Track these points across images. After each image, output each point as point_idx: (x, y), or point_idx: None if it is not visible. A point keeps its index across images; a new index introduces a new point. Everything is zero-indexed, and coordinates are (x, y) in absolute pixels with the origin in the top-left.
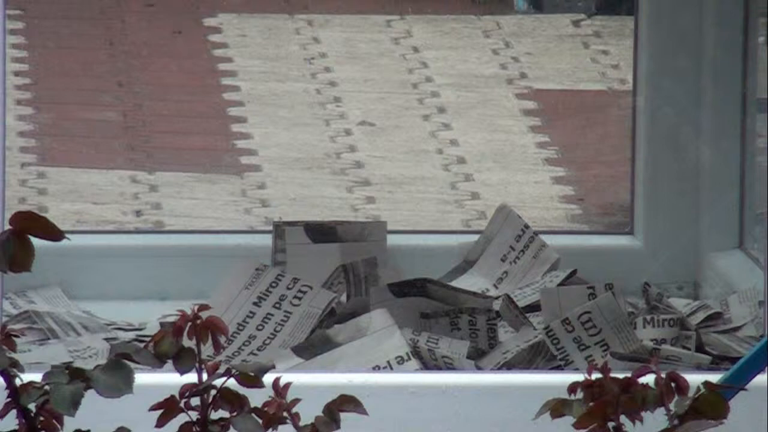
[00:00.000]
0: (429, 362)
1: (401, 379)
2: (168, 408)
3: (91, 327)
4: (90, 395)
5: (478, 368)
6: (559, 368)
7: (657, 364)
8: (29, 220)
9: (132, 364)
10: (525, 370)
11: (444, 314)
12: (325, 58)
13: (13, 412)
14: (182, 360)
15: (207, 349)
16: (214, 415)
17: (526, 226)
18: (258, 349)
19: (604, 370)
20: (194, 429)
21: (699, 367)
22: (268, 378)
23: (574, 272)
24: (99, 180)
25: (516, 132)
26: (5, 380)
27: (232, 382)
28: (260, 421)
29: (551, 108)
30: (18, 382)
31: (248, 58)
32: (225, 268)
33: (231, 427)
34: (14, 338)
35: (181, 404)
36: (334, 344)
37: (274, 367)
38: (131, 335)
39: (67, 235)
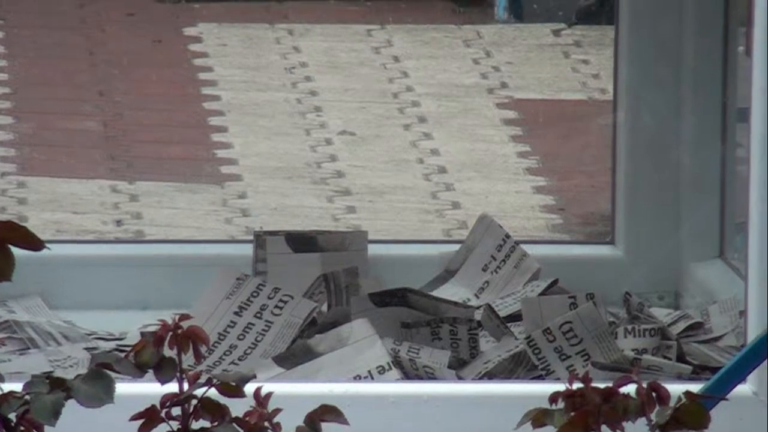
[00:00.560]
0: (410, 372)
1: (382, 389)
2: (149, 418)
3: (72, 336)
4: (70, 405)
5: (459, 378)
6: (540, 378)
7: (638, 373)
8: (9, 230)
9: (113, 374)
10: (506, 380)
11: (425, 324)
12: (305, 67)
13: None
14: (163, 370)
15: (188, 359)
16: (195, 424)
17: (507, 236)
18: (239, 359)
19: (586, 380)
20: None
21: (680, 377)
22: (249, 388)
23: (555, 282)
24: (79, 189)
25: (497, 141)
26: None
27: (213, 392)
28: (241, 431)
29: (532, 117)
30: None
31: (228, 67)
32: (206, 278)
33: None
34: None
35: (162, 414)
36: (315, 354)
37: (255, 376)
38: (112, 345)
39: (47, 245)
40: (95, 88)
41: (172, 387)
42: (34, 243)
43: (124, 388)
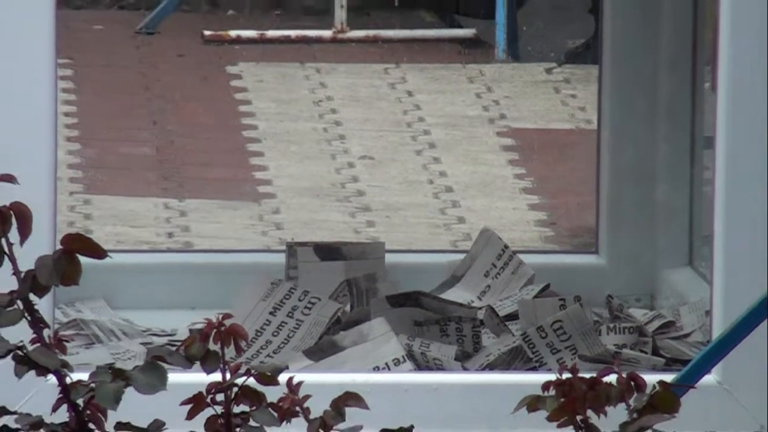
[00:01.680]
0: (422, 364)
1: (398, 378)
2: (196, 403)
3: (130, 333)
4: (129, 392)
5: (465, 369)
6: (534, 369)
7: (619, 365)
8: (77, 241)
9: (165, 365)
10: (505, 370)
11: (435, 322)
12: (331, 101)
13: (65, 405)
14: (208, 361)
15: (229, 352)
16: (236, 409)
17: (506, 247)
18: (273, 352)
19: (573, 370)
20: (219, 421)
21: (655, 369)
22: (283, 377)
23: (547, 286)
24: (136, 206)
25: (496, 165)
26: (58, 379)
27: (251, 381)
28: (276, 414)
29: (527, 144)
30: (68, 380)
31: (264, 100)
32: (245, 283)
33: (251, 420)
34: (65, 343)
35: (208, 400)
36: (340, 348)
37: (287, 367)
38: (164, 340)
39: (109, 254)
40: (150, 119)
41: (216, 376)
42: (98, 252)
43: (175, 377)
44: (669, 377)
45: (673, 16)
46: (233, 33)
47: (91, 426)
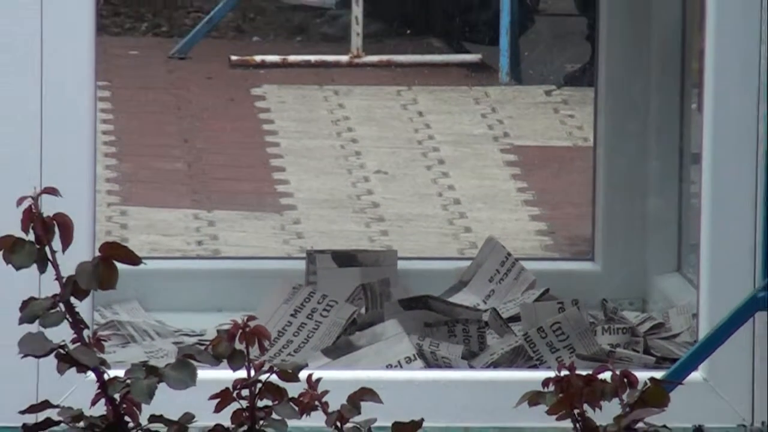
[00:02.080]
0: (431, 362)
1: (409, 375)
2: (223, 398)
3: (163, 333)
4: (162, 387)
5: (471, 367)
6: (535, 367)
7: (613, 363)
8: (114, 249)
9: (195, 363)
10: (508, 368)
11: (443, 324)
12: (347, 120)
13: (103, 400)
14: (234, 359)
15: (254, 351)
16: (260, 403)
17: (509, 254)
18: (294, 351)
19: (571, 368)
20: (244, 414)
21: (646, 366)
22: (303, 374)
23: (546, 291)
24: (168, 217)
25: (500, 179)
26: (96, 375)
27: (274, 378)
28: (296, 408)
29: (528, 160)
30: (106, 376)
31: (286, 120)
32: (268, 287)
33: (273, 413)
34: (102, 342)
35: (234, 395)
36: (356, 347)
37: (307, 365)
38: (194, 340)
39: (143, 261)
40: (181, 136)
41: (242, 373)
42: (133, 259)
43: (204, 374)
44: (659, 374)
45: (662, 44)
46: (258, 58)
47: (127, 419)
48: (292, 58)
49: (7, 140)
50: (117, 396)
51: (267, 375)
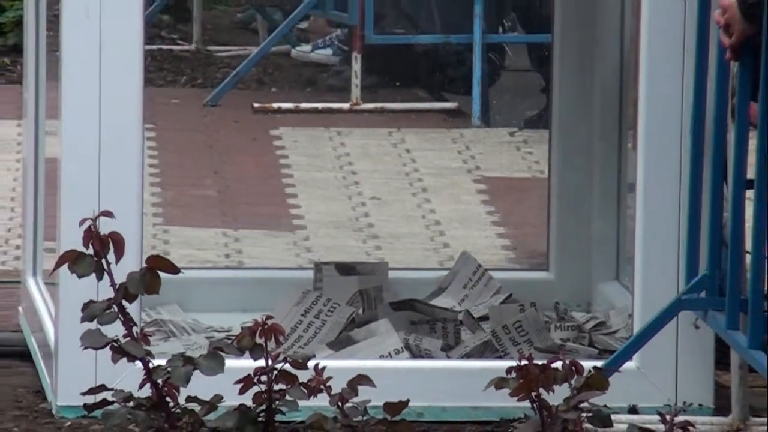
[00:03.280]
0: (415, 353)
1: (397, 364)
2: (246, 382)
3: (197, 330)
4: (196, 374)
5: (448, 357)
6: (500, 358)
7: (563, 355)
8: (158, 261)
9: (223, 354)
10: (479, 358)
11: (425, 322)
12: (348, 156)
13: (148, 384)
14: (255, 351)
15: (271, 344)
16: (276, 387)
17: (479, 266)
18: (304, 345)
19: (529, 359)
20: (263, 396)
21: (590, 357)
22: (311, 363)
23: (510, 295)
24: (201, 234)
25: (473, 204)
26: (143, 364)
27: (287, 366)
28: (306, 391)
29: (495, 189)
30: (151, 365)
31: (299, 155)
32: (283, 292)
33: (287, 395)
34: (148, 337)
35: (255, 380)
36: (354, 341)
37: (314, 356)
38: (223, 335)
39: (181, 270)
40: (212, 169)
41: (261, 363)
42: (173, 269)
43: (230, 363)
44: (600, 363)
45: (603, 94)
46: (275, 105)
47: (168, 399)
48: (303, 105)
49: (72, 172)
50: (160, 381)
51: (281, 364)
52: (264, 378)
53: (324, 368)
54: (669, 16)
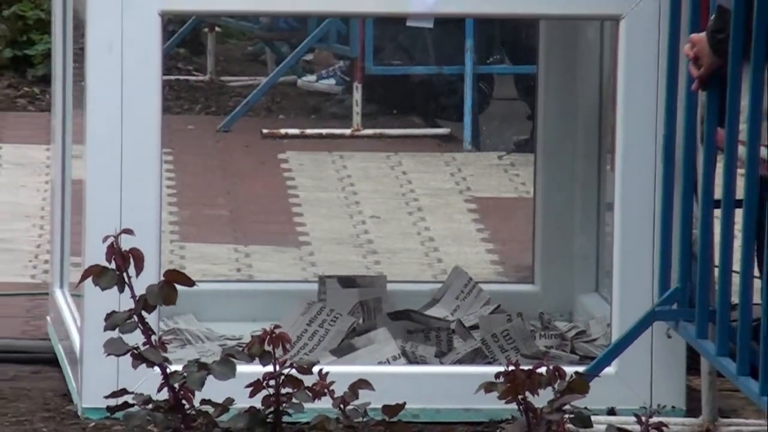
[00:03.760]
0: (411, 360)
1: (395, 369)
2: (256, 386)
3: (211, 338)
4: (210, 379)
5: (441, 363)
6: (490, 363)
7: (548, 361)
8: (174, 275)
9: (235, 360)
10: (470, 364)
11: (421, 331)
12: (349, 178)
13: (166, 388)
14: (264, 358)
15: (279, 352)
16: (283, 390)
17: (470, 279)
18: (309, 352)
19: (516, 364)
20: (271, 399)
21: (572, 363)
22: (315, 369)
23: (498, 306)
24: (215, 250)
25: (464, 222)
26: (161, 369)
27: (293, 371)
28: (310, 394)
29: (485, 208)
30: (168, 370)
31: (304, 178)
32: (289, 303)
33: (293, 398)
34: (165, 344)
35: (264, 384)
36: (355, 348)
37: (318, 362)
38: (234, 343)
39: (196, 283)
40: (225, 190)
41: (269, 368)
42: (188, 282)
43: (241, 368)
44: (581, 369)
45: (584, 121)
46: (283, 131)
47: (184, 402)
48: (308, 131)
49: (96, 193)
50: (176, 385)
51: (288, 369)
52: (272, 382)
53: (327, 373)
54: (643, 50)
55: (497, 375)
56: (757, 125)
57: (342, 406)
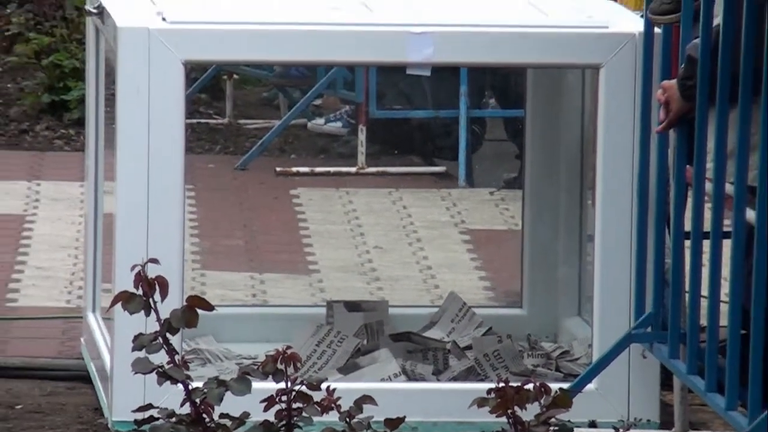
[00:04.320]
0: (411, 377)
1: (395, 386)
2: (270, 401)
3: (229, 357)
4: (228, 394)
5: (438, 380)
6: (482, 381)
7: (535, 378)
8: (196, 300)
9: (251, 378)
10: (464, 381)
11: (419, 351)
12: (355, 212)
13: (188, 403)
14: (277, 375)
15: (290, 370)
16: (294, 405)
17: (464, 303)
18: (318, 369)
19: (506, 382)
20: (283, 413)
21: (557, 380)
22: (323, 386)
23: (490, 328)
24: (232, 277)
25: (459, 252)
26: (184, 386)
27: (303, 388)
28: (319, 409)
29: (478, 239)
30: (190, 387)
31: (314, 212)
32: (300, 325)
33: (303, 412)
34: (188, 363)
35: (277, 399)
36: (360, 367)
37: (326, 379)
38: (250, 362)
39: (215, 307)
40: (242, 223)
41: (282, 385)
42: (208, 307)
43: (256, 385)
44: (565, 385)
45: (567, 160)
46: (294, 169)
47: (204, 416)
48: (317, 169)
49: (125, 225)
50: (198, 400)
51: (299, 386)
52: (284, 398)
53: (334, 390)
54: (621, 95)
55: (489, 391)
56: (722, 164)
57: (348, 419)
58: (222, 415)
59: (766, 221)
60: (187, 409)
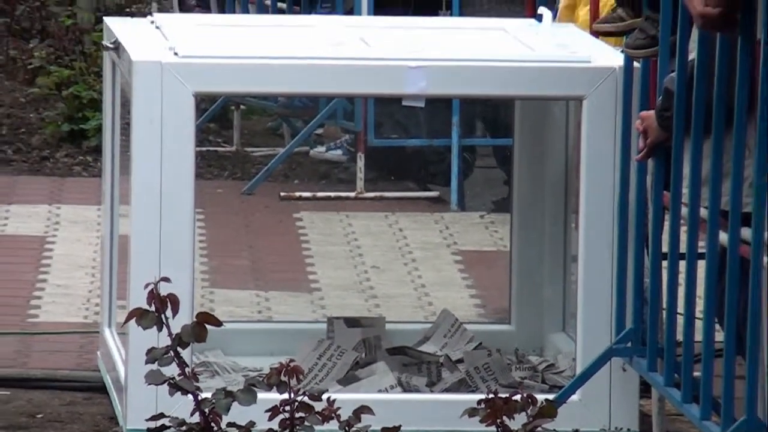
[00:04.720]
0: (406, 389)
1: (392, 397)
2: (274, 411)
3: (236, 369)
4: (235, 405)
5: (432, 392)
6: (473, 392)
7: (522, 389)
8: (205, 316)
9: (256, 389)
10: (456, 392)
11: (414, 364)
12: (354, 233)
13: (198, 413)
14: (281, 387)
15: (293, 382)
16: (297, 415)
17: (456, 320)
18: (319, 381)
19: (495, 393)
20: (287, 422)
21: (543, 392)
22: (324, 397)
23: (480, 343)
24: (239, 295)
25: (451, 271)
26: (194, 397)
27: (305, 399)
28: (320, 418)
29: (470, 260)
30: (199, 397)
31: (316, 233)
32: (302, 340)
33: (305, 422)
34: (197, 376)
35: (280, 409)
36: (358, 379)
37: (327, 390)
38: (256, 374)
39: (223, 323)
40: (248, 244)
41: (285, 396)
42: (217, 323)
43: (261, 396)
44: (551, 396)
45: (552, 185)
46: (297, 194)
47: (213, 425)
48: (319, 194)
49: (139, 246)
50: (206, 410)
51: (301, 397)
52: (287, 408)
53: (334, 400)
54: (602, 125)
55: (479, 402)
56: (697, 190)
57: (347, 428)
58: (229, 424)
59: (737, 244)
60: (196, 418)
